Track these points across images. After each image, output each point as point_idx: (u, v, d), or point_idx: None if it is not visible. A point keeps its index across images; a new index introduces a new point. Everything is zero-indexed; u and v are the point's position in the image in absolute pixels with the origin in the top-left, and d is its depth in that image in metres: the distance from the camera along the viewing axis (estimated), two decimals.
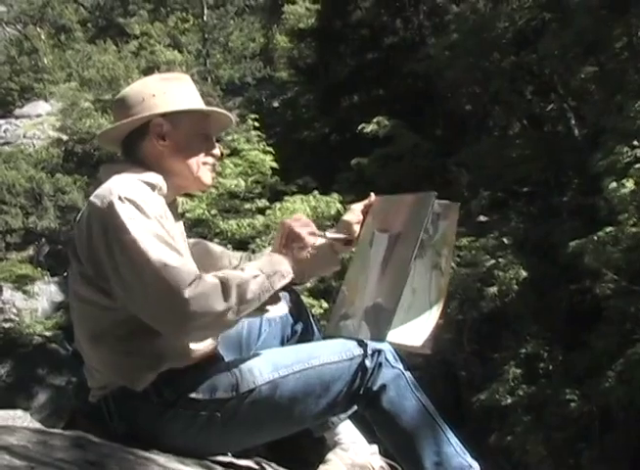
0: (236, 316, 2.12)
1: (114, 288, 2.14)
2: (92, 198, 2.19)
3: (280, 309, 2.42)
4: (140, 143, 2.34)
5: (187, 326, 2.08)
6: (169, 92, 2.38)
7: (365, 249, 2.43)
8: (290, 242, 2.31)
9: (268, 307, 2.22)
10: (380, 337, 2.22)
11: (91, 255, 2.16)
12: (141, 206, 2.15)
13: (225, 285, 2.10)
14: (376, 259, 2.35)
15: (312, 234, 2.34)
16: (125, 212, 2.11)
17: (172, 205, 2.36)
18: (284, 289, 2.26)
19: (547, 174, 14.10)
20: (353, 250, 2.51)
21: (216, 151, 2.43)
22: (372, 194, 2.53)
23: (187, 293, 2.04)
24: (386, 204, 2.48)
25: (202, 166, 2.38)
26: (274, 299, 2.22)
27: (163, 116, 2.33)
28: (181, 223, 2.42)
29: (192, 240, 2.52)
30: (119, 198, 2.13)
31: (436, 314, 2.32)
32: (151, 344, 2.18)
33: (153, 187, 2.25)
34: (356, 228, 2.48)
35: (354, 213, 2.50)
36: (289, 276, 2.23)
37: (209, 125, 2.43)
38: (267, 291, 2.17)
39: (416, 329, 2.29)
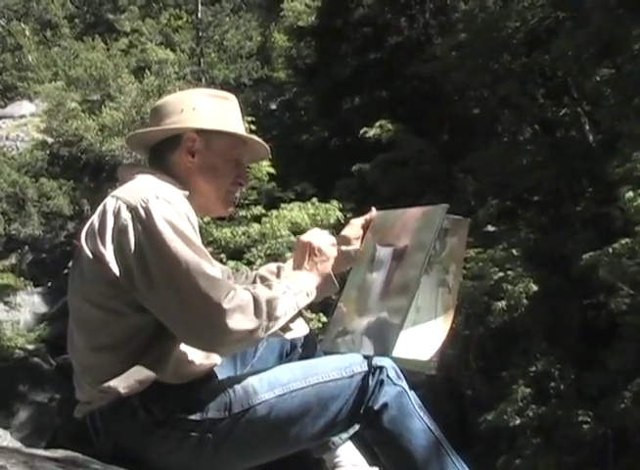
0: (264, 333, 2.13)
1: (140, 291, 2.11)
2: (120, 193, 2.19)
3: (302, 330, 2.42)
4: (169, 154, 2.35)
5: (224, 339, 2.08)
6: (211, 109, 2.38)
7: (365, 264, 2.42)
8: (312, 256, 2.33)
9: (291, 326, 2.24)
10: (385, 351, 2.20)
11: (118, 254, 2.12)
12: (178, 208, 2.15)
13: (257, 300, 2.11)
14: (378, 274, 2.34)
15: (333, 245, 2.38)
16: (163, 212, 2.11)
17: None
18: None
19: (559, 182, 14.10)
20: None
21: (244, 181, 2.44)
22: (373, 208, 2.53)
23: (226, 305, 2.05)
24: (388, 218, 2.46)
25: (226, 193, 2.39)
26: (294, 317, 2.24)
27: (198, 132, 2.33)
28: None
29: None
30: (156, 196, 2.13)
31: (444, 332, 2.31)
32: (160, 350, 2.16)
33: (183, 195, 2.25)
34: (355, 243, 2.47)
35: (354, 228, 2.49)
36: (312, 295, 2.27)
37: (244, 153, 2.43)
38: (293, 309, 2.20)
39: (422, 345, 2.28)
